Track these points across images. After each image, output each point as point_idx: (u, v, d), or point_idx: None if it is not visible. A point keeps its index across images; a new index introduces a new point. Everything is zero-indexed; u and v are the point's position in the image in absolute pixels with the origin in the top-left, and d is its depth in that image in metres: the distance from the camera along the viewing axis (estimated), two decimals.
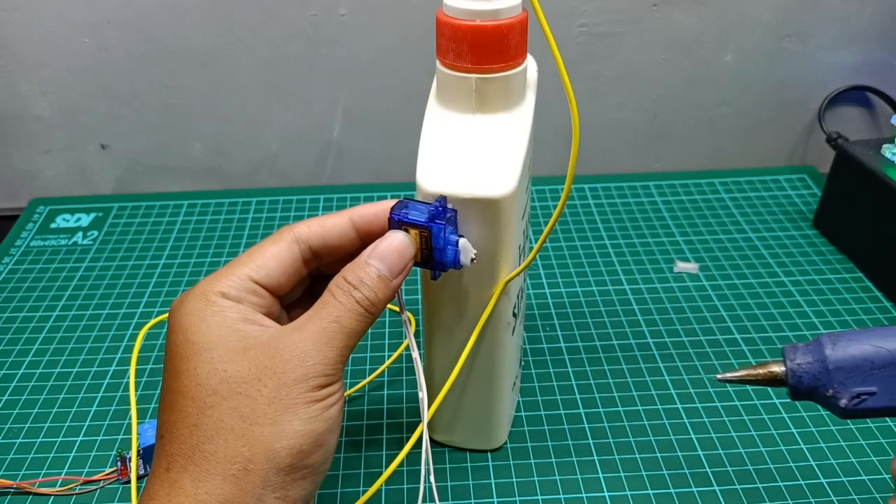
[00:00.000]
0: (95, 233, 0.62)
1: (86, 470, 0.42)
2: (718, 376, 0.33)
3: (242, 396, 0.29)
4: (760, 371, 0.32)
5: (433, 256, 0.33)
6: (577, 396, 0.46)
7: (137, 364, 0.48)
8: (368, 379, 0.47)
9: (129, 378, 0.47)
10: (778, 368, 0.32)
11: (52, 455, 0.43)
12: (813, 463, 0.41)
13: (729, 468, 0.41)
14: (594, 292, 0.55)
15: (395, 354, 0.49)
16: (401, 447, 0.42)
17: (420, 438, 0.34)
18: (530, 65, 0.37)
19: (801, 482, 0.40)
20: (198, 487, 0.28)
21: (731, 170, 0.69)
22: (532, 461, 0.42)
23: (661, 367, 0.48)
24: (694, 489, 0.40)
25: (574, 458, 0.42)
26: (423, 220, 0.32)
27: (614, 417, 0.45)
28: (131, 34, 0.62)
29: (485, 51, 0.33)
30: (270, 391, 0.29)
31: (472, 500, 0.40)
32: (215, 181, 0.69)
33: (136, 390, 0.47)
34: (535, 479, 0.41)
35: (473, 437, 0.42)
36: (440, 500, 0.40)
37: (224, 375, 0.29)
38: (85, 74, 0.63)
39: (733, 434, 0.43)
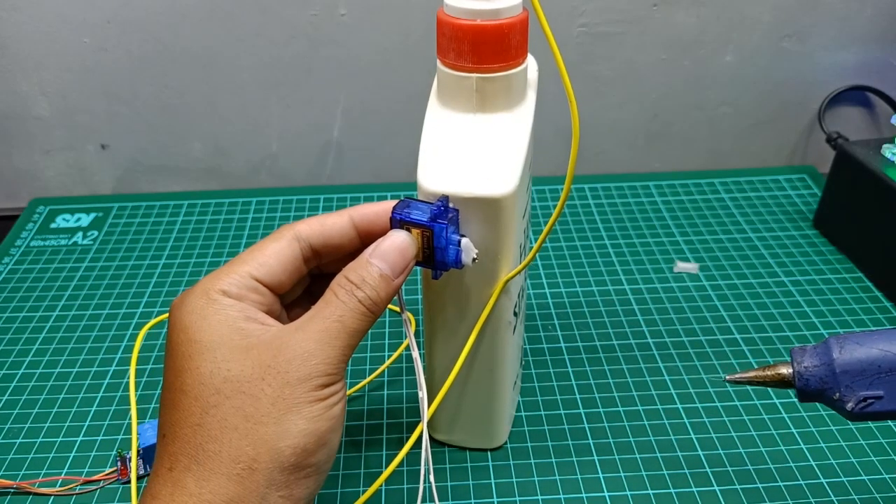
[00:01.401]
0: (95, 233, 0.62)
1: (86, 470, 0.42)
2: (727, 377, 0.33)
3: (246, 396, 0.29)
4: (769, 373, 0.32)
5: (435, 256, 0.33)
6: (577, 396, 0.46)
7: (137, 364, 0.48)
8: (368, 379, 0.47)
9: (129, 378, 0.47)
10: (786, 370, 0.32)
11: (52, 455, 0.43)
12: (813, 463, 0.41)
13: (729, 468, 0.41)
14: (594, 292, 0.55)
15: (395, 354, 0.49)
16: (401, 447, 0.42)
17: (420, 438, 0.34)
18: (531, 64, 0.37)
19: (801, 482, 0.40)
20: (202, 487, 0.28)
21: (731, 170, 0.69)
22: (532, 461, 0.42)
23: (661, 367, 0.48)
24: (694, 489, 0.40)
25: (574, 458, 0.42)
26: (425, 219, 0.32)
27: (614, 417, 0.45)
28: (131, 34, 0.62)
29: (486, 50, 0.33)
30: (274, 390, 0.29)
31: (472, 500, 0.40)
32: (215, 181, 0.69)
33: (136, 390, 0.47)
34: (535, 479, 0.41)
35: (474, 437, 0.42)
36: (440, 500, 0.40)
37: (227, 374, 0.29)
38: (85, 74, 0.63)
39: (733, 434, 0.43)
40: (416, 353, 0.35)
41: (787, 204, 0.64)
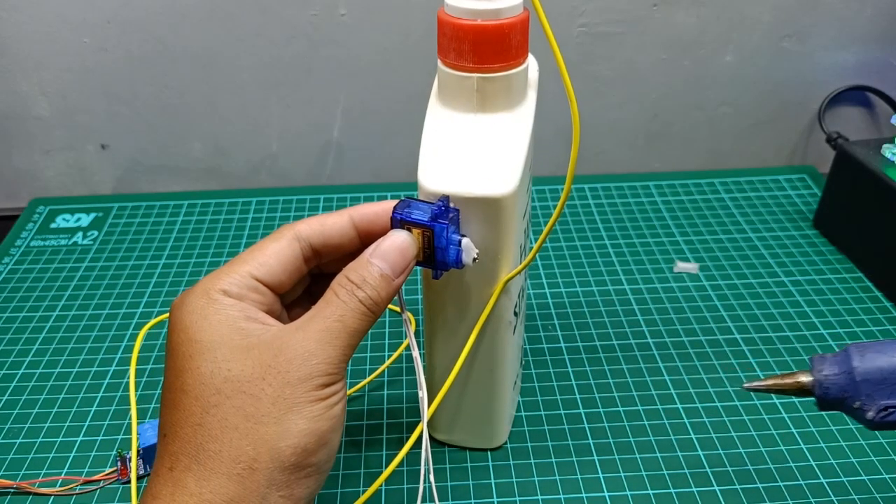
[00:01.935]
0: (95, 233, 0.62)
1: (86, 470, 0.42)
2: (745, 385, 0.33)
3: (247, 395, 0.29)
4: (788, 381, 0.32)
5: (435, 256, 0.33)
6: (577, 396, 0.46)
7: (137, 364, 0.48)
8: (368, 379, 0.47)
9: (129, 378, 0.47)
10: (805, 379, 0.32)
11: (52, 455, 0.43)
12: (813, 463, 0.41)
13: (729, 468, 0.41)
14: (594, 292, 0.55)
15: (395, 354, 0.49)
16: (401, 447, 0.42)
17: (420, 438, 0.34)
18: (531, 64, 0.37)
19: (801, 482, 0.40)
20: (202, 487, 0.28)
21: (731, 170, 0.69)
22: (532, 461, 0.42)
23: (661, 367, 0.48)
24: (694, 489, 0.40)
25: (574, 458, 0.42)
26: (425, 219, 0.32)
27: (614, 417, 0.45)
28: (131, 34, 0.62)
29: (486, 50, 0.33)
30: (275, 390, 0.29)
31: (472, 500, 0.40)
32: (215, 181, 0.69)
33: (136, 390, 0.47)
34: (535, 479, 0.41)
35: (474, 437, 0.42)
36: (440, 500, 0.40)
37: (228, 374, 0.29)
38: (85, 74, 0.63)
39: (733, 434, 0.43)
40: (416, 353, 0.35)
41: (787, 204, 0.64)
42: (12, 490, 0.41)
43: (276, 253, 0.33)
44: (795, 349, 0.49)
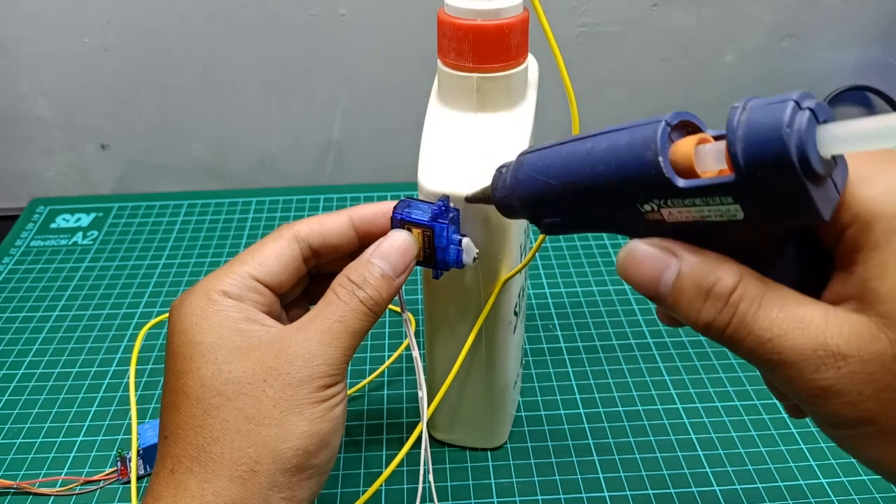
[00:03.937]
0: (95, 233, 0.62)
1: (86, 470, 0.42)
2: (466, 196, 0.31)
3: (248, 397, 0.29)
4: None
5: (436, 255, 0.33)
6: (577, 396, 0.46)
7: (137, 364, 0.48)
8: (368, 379, 0.47)
9: (129, 378, 0.47)
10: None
11: (52, 455, 0.43)
12: (813, 463, 0.41)
13: (729, 468, 0.41)
14: (594, 292, 0.55)
15: (395, 354, 0.49)
16: (401, 447, 0.42)
17: (420, 438, 0.34)
18: (531, 64, 0.37)
19: (801, 482, 0.40)
20: (204, 489, 0.28)
21: None
22: (532, 461, 0.42)
23: (661, 367, 0.48)
24: (694, 489, 0.40)
25: (574, 458, 0.42)
26: (426, 219, 0.32)
27: (614, 417, 0.45)
28: (131, 34, 0.62)
29: (486, 50, 0.33)
30: (276, 392, 0.29)
31: (472, 500, 0.40)
32: (215, 181, 0.69)
33: (136, 390, 0.47)
34: (535, 479, 0.41)
35: (474, 436, 0.42)
36: (440, 500, 0.40)
37: (229, 376, 0.29)
38: (85, 74, 0.63)
39: (733, 434, 0.43)
40: (416, 353, 0.35)
41: None
42: (12, 490, 0.41)
43: (275, 253, 0.33)
44: None
